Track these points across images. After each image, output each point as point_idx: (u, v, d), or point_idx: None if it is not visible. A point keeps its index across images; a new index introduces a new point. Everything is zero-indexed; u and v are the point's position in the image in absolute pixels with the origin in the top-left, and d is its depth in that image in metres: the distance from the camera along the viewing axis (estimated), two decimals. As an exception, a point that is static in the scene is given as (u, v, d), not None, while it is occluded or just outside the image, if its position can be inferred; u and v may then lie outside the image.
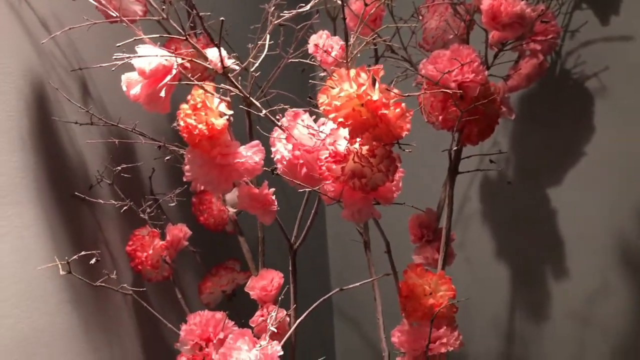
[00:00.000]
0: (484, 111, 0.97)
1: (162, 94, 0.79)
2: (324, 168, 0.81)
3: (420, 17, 1.17)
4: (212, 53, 0.78)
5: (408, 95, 0.74)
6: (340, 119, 0.74)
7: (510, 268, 1.45)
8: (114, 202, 1.08)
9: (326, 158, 0.80)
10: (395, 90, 0.75)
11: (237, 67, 0.79)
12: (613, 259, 1.31)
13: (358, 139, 0.77)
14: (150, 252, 1.08)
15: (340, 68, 0.76)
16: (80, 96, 1.06)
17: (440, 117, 0.98)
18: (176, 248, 1.14)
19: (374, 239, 1.17)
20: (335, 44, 0.88)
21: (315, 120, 0.86)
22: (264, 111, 0.83)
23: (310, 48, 0.94)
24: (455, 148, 1.00)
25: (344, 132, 0.79)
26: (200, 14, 0.83)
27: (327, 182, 0.82)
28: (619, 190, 1.28)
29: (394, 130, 0.75)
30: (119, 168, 1.08)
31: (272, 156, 0.88)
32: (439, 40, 1.14)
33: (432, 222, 1.18)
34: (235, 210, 1.17)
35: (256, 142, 0.93)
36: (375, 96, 0.73)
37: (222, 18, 0.78)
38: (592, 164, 1.30)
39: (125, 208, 1.07)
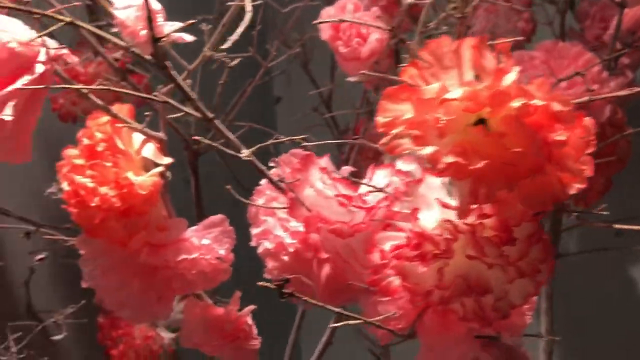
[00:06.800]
0: (616, 149, 0.57)
1: (7, 114, 0.34)
2: (389, 272, 0.36)
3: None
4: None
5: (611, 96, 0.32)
6: (450, 159, 0.30)
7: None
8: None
9: (395, 249, 0.36)
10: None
11: (188, 38, 0.34)
12: None
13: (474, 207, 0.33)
14: None
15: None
16: None
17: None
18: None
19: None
20: (370, 20, 0.44)
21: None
22: (245, 152, 0.38)
23: (325, 32, 0.50)
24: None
25: (433, 187, 0.36)
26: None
27: (385, 298, 0.38)
28: None
29: (564, 180, 0.32)
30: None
31: (253, 244, 0.45)
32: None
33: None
34: (174, 335, 0.69)
35: (219, 217, 0.49)
36: (538, 99, 0.30)
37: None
38: None
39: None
